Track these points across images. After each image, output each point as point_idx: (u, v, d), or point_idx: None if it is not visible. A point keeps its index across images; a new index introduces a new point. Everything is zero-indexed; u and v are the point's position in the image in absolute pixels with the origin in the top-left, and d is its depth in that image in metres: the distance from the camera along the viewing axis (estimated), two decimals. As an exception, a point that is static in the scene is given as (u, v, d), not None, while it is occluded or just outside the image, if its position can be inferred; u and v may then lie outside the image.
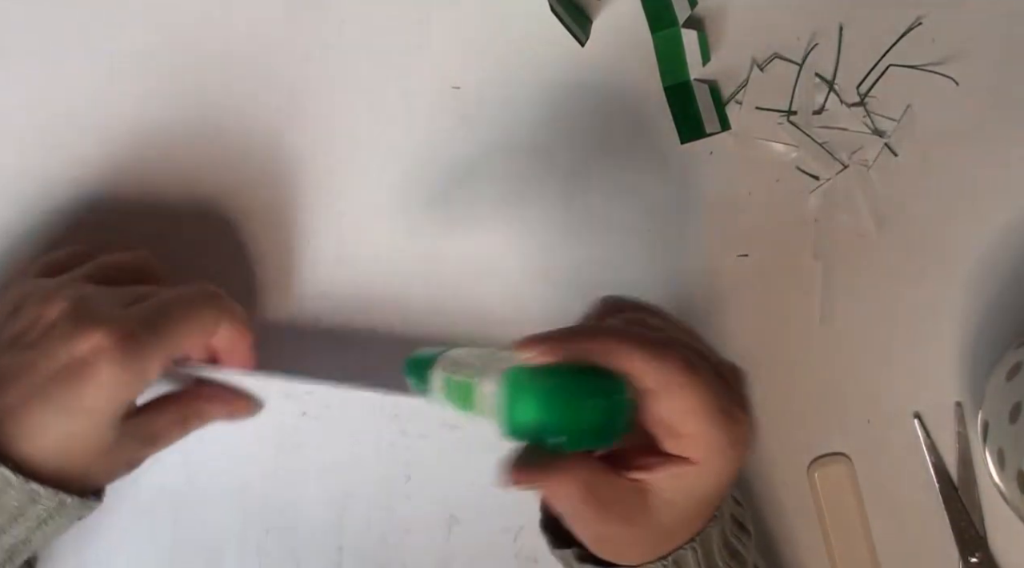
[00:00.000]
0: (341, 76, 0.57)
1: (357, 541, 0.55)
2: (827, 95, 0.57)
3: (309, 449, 0.55)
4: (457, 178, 0.57)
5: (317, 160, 0.57)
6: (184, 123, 0.57)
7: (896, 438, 0.58)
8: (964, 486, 0.58)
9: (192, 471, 0.56)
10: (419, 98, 0.57)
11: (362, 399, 0.54)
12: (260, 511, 0.56)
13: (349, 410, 0.54)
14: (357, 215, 0.57)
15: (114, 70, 0.57)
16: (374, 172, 0.57)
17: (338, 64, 0.57)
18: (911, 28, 0.57)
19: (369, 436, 0.55)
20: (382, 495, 0.55)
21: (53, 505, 0.46)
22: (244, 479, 0.56)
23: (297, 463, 0.55)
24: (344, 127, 0.57)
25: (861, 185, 0.57)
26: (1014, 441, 0.54)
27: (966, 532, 0.58)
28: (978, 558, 0.58)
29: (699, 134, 0.57)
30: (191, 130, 0.57)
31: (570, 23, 0.54)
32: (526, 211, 0.57)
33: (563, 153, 0.57)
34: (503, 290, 0.57)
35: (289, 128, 0.57)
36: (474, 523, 0.55)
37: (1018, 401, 0.53)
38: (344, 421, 0.54)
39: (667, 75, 0.57)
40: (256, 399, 0.54)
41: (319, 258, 0.57)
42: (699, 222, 0.58)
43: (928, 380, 0.58)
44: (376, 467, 0.55)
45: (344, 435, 0.55)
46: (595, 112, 0.57)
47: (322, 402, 0.54)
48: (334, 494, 0.55)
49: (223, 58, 0.57)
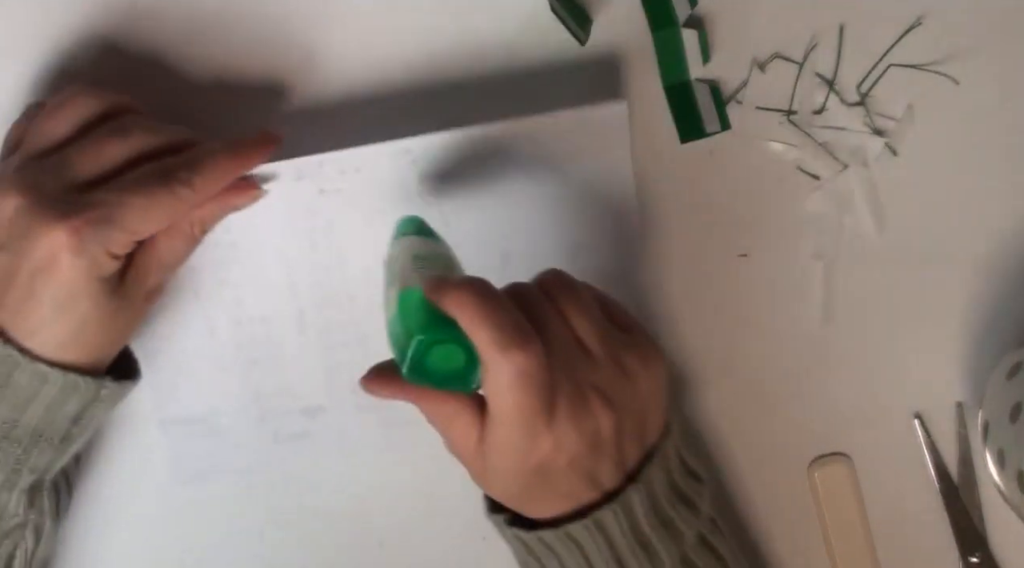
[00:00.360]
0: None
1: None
2: (827, 95, 0.57)
3: (339, 225, 0.56)
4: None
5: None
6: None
7: (896, 438, 0.58)
8: (964, 486, 0.58)
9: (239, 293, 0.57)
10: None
11: (374, 153, 0.55)
12: (312, 297, 0.57)
13: (365, 171, 0.55)
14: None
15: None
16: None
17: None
18: (911, 28, 0.57)
19: (394, 188, 0.55)
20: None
21: (62, 383, 0.48)
22: (291, 279, 0.56)
23: (334, 241, 0.56)
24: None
25: (861, 185, 0.57)
26: (1014, 441, 0.54)
27: (966, 532, 0.58)
28: (978, 558, 0.58)
29: (699, 134, 0.57)
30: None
31: (570, 23, 0.54)
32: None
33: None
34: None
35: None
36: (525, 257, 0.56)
37: (1018, 401, 0.53)
38: (364, 183, 0.55)
39: (667, 75, 0.57)
40: (256, 178, 0.54)
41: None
42: (699, 222, 0.58)
43: (928, 380, 0.58)
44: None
45: (370, 197, 0.55)
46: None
47: (337, 170, 0.55)
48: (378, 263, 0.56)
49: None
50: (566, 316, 0.45)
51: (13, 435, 0.48)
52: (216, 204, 0.53)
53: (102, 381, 0.50)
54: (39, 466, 0.50)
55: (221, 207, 0.53)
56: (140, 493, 0.59)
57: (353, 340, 0.57)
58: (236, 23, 0.57)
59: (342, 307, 0.57)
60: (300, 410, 0.57)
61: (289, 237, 0.56)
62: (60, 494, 0.54)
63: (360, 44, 0.57)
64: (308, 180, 0.55)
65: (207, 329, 0.57)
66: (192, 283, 0.56)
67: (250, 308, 0.57)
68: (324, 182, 0.55)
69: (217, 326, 0.57)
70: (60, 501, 0.54)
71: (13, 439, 0.48)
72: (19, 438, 0.48)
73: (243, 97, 0.57)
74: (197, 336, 0.57)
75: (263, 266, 0.56)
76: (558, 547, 0.47)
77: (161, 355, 0.57)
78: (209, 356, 0.57)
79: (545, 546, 0.47)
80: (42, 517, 0.52)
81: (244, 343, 0.57)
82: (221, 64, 0.57)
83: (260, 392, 0.57)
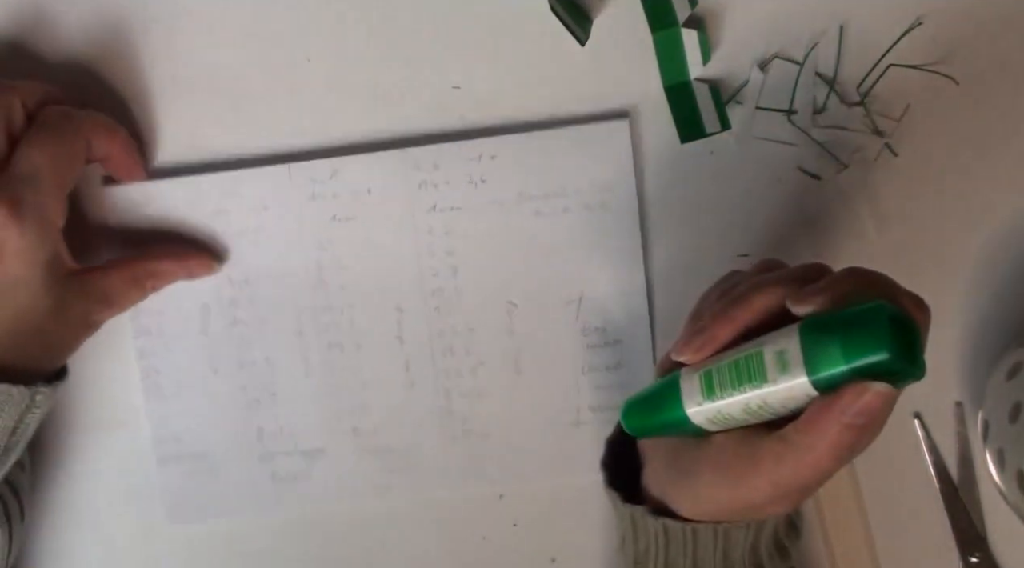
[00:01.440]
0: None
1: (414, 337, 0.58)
2: (827, 95, 0.57)
3: (348, 260, 0.57)
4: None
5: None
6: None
7: (896, 438, 0.58)
8: (964, 486, 0.58)
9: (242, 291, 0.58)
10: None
11: (380, 165, 0.56)
12: (318, 342, 0.57)
13: (375, 192, 0.57)
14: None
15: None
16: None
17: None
18: (911, 28, 0.57)
19: (404, 211, 0.57)
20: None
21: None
22: (299, 321, 0.57)
23: (339, 250, 0.57)
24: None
25: (861, 185, 0.57)
26: (1014, 441, 0.54)
27: (966, 532, 0.58)
28: (978, 558, 0.58)
29: (699, 134, 0.57)
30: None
31: (570, 23, 0.54)
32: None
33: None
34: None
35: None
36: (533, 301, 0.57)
37: (1018, 401, 0.53)
38: (376, 206, 0.57)
39: (667, 75, 0.57)
40: (214, 254, 0.56)
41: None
42: (699, 222, 0.58)
43: (928, 380, 0.58)
44: (413, 251, 0.57)
45: (383, 227, 0.57)
46: (594, 112, 0.57)
47: (350, 192, 0.56)
48: (380, 272, 0.57)
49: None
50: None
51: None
52: (177, 265, 0.55)
53: (35, 388, 0.50)
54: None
55: (179, 269, 0.55)
56: (140, 531, 0.59)
57: (356, 385, 0.57)
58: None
59: (348, 353, 0.57)
60: (300, 452, 0.58)
61: (301, 276, 0.57)
62: (7, 503, 0.54)
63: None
64: (320, 202, 0.56)
65: (211, 368, 0.57)
66: (201, 321, 0.57)
67: (256, 349, 0.57)
68: (337, 208, 0.56)
69: (222, 366, 0.57)
70: (10, 509, 0.54)
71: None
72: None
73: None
74: (201, 374, 0.57)
75: (273, 307, 0.57)
76: (703, 541, 0.46)
77: (163, 392, 0.57)
78: (212, 394, 0.57)
79: (690, 537, 0.46)
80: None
81: (247, 384, 0.57)
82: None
83: (261, 432, 0.58)
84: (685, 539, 0.46)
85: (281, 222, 0.57)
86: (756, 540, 0.46)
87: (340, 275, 0.57)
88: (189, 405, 0.58)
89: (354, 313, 0.57)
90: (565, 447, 0.58)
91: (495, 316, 0.57)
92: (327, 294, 0.57)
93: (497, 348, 0.57)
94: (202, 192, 0.56)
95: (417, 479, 0.58)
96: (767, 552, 0.47)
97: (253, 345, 0.57)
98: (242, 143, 0.57)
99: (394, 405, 0.57)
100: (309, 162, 0.56)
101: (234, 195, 0.56)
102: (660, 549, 0.47)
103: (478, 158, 0.56)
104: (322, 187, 0.56)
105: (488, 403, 0.58)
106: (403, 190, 0.56)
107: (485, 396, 0.58)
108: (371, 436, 0.58)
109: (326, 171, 0.56)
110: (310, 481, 0.58)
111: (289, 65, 0.57)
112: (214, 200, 0.56)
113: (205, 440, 0.58)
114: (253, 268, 0.57)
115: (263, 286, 0.57)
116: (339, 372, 0.57)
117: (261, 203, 0.57)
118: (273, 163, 0.57)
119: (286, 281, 0.57)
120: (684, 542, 0.46)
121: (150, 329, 0.57)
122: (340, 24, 0.57)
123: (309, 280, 0.57)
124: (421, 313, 0.57)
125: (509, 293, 0.57)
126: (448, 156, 0.56)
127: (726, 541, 0.45)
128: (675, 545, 0.46)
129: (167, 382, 0.57)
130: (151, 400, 0.57)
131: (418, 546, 0.59)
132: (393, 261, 0.57)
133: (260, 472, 0.58)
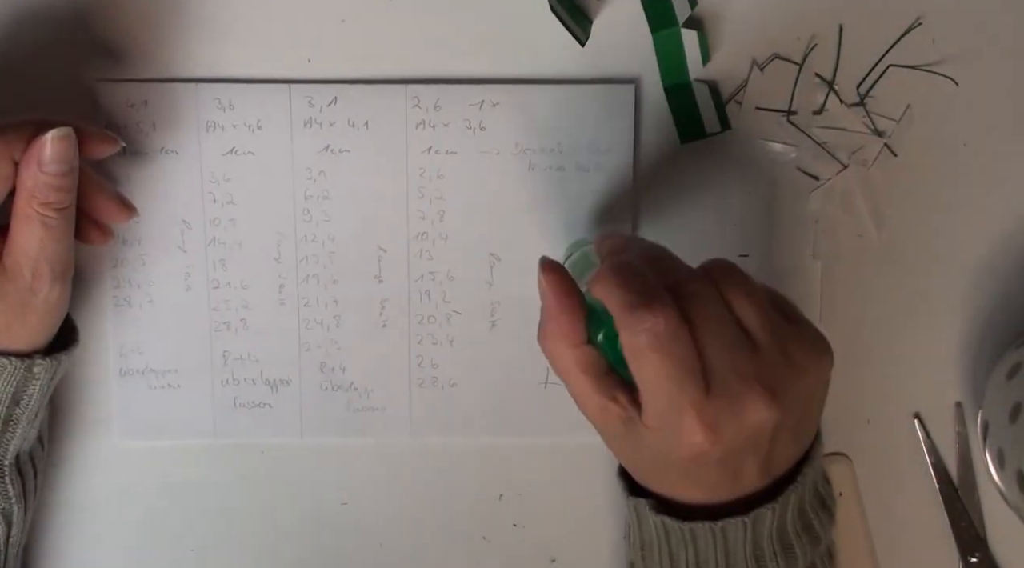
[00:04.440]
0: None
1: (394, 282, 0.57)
2: (827, 95, 0.57)
3: (337, 195, 0.56)
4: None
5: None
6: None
7: (896, 438, 0.58)
8: (964, 486, 0.58)
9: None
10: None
11: (382, 97, 0.56)
12: (296, 271, 0.57)
13: (372, 124, 0.56)
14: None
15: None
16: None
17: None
18: (911, 28, 0.57)
19: (399, 146, 0.56)
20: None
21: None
22: (279, 249, 0.57)
23: (328, 181, 0.56)
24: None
25: (861, 185, 0.57)
26: (1014, 441, 0.54)
27: (966, 532, 0.58)
28: (978, 558, 0.58)
29: (699, 134, 0.57)
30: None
31: (570, 23, 0.54)
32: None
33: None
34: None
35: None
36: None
37: (1018, 401, 0.53)
38: (372, 138, 0.56)
39: (667, 75, 0.57)
40: (110, 135, 0.51)
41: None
42: (699, 222, 0.58)
43: (928, 380, 0.58)
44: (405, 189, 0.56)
45: (377, 160, 0.56)
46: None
47: (346, 120, 0.56)
48: (367, 208, 0.57)
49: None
50: (728, 300, 0.43)
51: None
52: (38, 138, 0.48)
53: (32, 359, 0.50)
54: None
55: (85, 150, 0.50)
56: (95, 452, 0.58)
57: (330, 320, 0.57)
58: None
59: (325, 286, 0.57)
60: (265, 381, 0.57)
61: (286, 203, 0.56)
62: (26, 479, 0.53)
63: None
64: (315, 130, 0.56)
65: (185, 285, 0.57)
66: (181, 237, 0.57)
67: (233, 272, 0.57)
68: (332, 138, 0.56)
69: (196, 284, 0.57)
70: (27, 486, 0.53)
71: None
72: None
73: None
74: (174, 290, 0.57)
75: (253, 230, 0.57)
76: (701, 539, 0.45)
77: (133, 304, 0.57)
78: (181, 312, 0.57)
79: (688, 536, 0.45)
80: (8, 503, 0.52)
81: (219, 306, 0.57)
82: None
83: (227, 356, 0.57)
84: (684, 537, 0.46)
85: (273, 144, 0.56)
86: (756, 537, 0.46)
87: (325, 207, 0.56)
88: (157, 320, 0.57)
89: (335, 247, 0.57)
90: (530, 406, 0.57)
91: (476, 267, 0.57)
92: (309, 225, 0.56)
93: (474, 299, 0.57)
94: (199, 100, 0.56)
95: (379, 420, 0.57)
96: (792, 527, 0.47)
97: (229, 267, 0.57)
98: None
99: (364, 344, 0.57)
100: (311, 84, 0.56)
101: (229, 108, 0.56)
102: (663, 543, 0.47)
103: (480, 104, 0.56)
104: (319, 114, 0.56)
105: (459, 353, 0.57)
106: (400, 127, 0.56)
107: (456, 346, 0.57)
108: (337, 373, 0.57)
109: (327, 96, 0.56)
110: (271, 411, 0.57)
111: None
112: (208, 111, 0.56)
113: (169, 357, 0.57)
114: (238, 188, 0.56)
115: (246, 208, 0.56)
116: (313, 304, 0.57)
117: (256, 121, 0.56)
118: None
119: (270, 206, 0.56)
120: (683, 540, 0.46)
121: (126, 238, 0.56)
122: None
123: (294, 208, 0.56)
124: (403, 255, 0.57)
125: (493, 245, 0.57)
126: (451, 97, 0.56)
127: (724, 540, 0.45)
128: (675, 540, 0.46)
129: (137, 294, 0.57)
130: (119, 309, 0.57)
131: (418, 546, 0.59)
132: (381, 199, 0.56)
133: (222, 395, 0.57)
